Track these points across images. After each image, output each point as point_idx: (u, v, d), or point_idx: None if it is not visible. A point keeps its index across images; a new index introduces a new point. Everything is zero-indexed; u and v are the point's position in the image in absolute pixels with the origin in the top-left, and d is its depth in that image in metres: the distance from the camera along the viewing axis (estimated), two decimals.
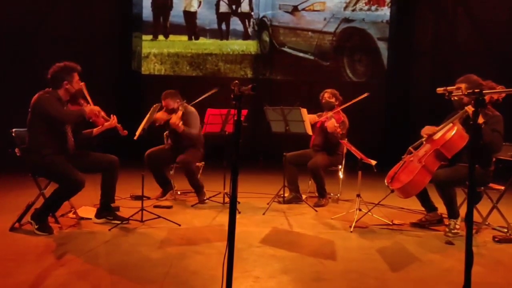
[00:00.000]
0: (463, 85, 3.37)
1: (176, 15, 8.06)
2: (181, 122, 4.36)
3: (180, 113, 4.41)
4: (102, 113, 3.59)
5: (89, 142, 3.65)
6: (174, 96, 4.52)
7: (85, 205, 3.91)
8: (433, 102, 4.51)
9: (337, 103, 4.68)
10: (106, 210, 3.58)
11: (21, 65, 6.33)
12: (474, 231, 3.44)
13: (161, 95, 4.52)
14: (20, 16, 6.49)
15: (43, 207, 3.29)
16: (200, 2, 8.07)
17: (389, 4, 7.89)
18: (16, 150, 3.37)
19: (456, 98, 3.34)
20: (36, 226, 3.23)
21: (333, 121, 4.32)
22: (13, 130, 3.41)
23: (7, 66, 6.26)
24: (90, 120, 3.52)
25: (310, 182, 4.82)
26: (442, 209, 3.68)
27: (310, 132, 4.31)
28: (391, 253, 3.11)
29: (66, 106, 3.40)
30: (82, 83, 3.49)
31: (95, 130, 3.63)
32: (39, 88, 3.36)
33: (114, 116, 3.64)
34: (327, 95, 4.72)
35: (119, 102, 7.14)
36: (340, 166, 4.72)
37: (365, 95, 4.46)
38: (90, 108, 3.44)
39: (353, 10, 7.94)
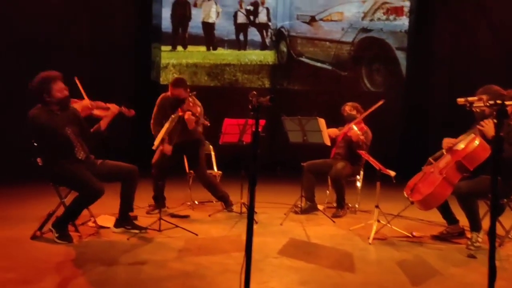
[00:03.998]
0: (484, 97, 3.30)
1: (194, 26, 8.18)
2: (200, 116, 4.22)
3: (193, 105, 4.22)
4: (98, 104, 3.53)
5: (100, 136, 3.59)
6: (186, 85, 4.28)
7: (104, 214, 3.96)
8: (452, 112, 4.42)
9: (358, 115, 4.65)
10: (125, 219, 3.62)
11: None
12: (497, 244, 3.34)
13: (170, 83, 4.26)
14: (41, 29, 6.66)
15: (64, 215, 3.35)
16: (218, 13, 8.17)
17: (408, 14, 7.84)
18: (38, 159, 3.44)
19: (478, 110, 3.28)
20: (56, 235, 3.28)
21: (356, 130, 4.31)
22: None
23: (29, 77, 6.43)
24: (93, 117, 3.51)
25: (328, 192, 4.78)
26: (463, 221, 3.59)
27: (328, 142, 4.29)
28: (411, 266, 3.04)
29: (61, 112, 3.36)
30: (75, 77, 3.48)
31: (101, 123, 3.58)
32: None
33: (112, 103, 3.61)
34: (348, 108, 4.70)
35: (138, 111, 7.22)
36: (358, 177, 4.67)
37: (381, 102, 4.42)
38: (80, 104, 3.41)
39: (371, 20, 7.91)
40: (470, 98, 2.16)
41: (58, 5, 6.81)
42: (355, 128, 4.35)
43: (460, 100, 2.25)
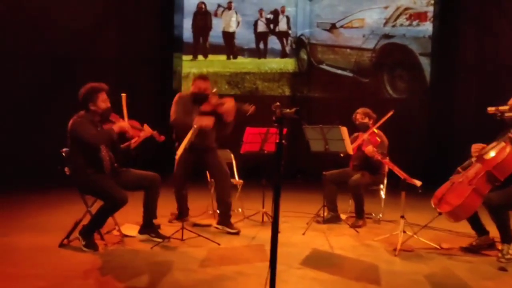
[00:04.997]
0: None
1: (215, 36, 8.25)
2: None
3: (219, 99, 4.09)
4: (134, 124, 3.60)
5: (128, 155, 3.67)
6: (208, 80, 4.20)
7: (128, 223, 4.01)
8: (479, 119, 4.31)
9: (371, 122, 4.57)
10: (149, 227, 3.65)
11: (67, 87, 6.67)
12: None
13: (196, 78, 4.12)
14: (70, 42, 6.89)
15: (90, 224, 3.42)
16: (238, 23, 8.23)
17: (431, 19, 7.71)
18: (66, 169, 3.52)
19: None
20: (83, 243, 3.34)
21: (370, 147, 4.24)
22: (64, 150, 3.57)
23: (56, 89, 6.62)
24: (126, 136, 3.58)
25: (350, 201, 4.71)
26: (494, 232, 3.47)
27: (350, 151, 4.23)
28: (440, 279, 2.95)
29: (100, 126, 3.48)
30: (123, 95, 3.56)
31: (132, 142, 3.66)
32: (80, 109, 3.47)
33: (146, 124, 3.68)
34: (359, 116, 4.62)
35: (160, 121, 7.33)
36: (382, 186, 4.59)
37: (391, 113, 4.38)
38: (119, 125, 3.48)
39: (393, 26, 7.81)
40: (501, 108, 2.10)
41: (85, 19, 7.05)
42: (371, 148, 4.25)
43: (491, 109, 2.19)
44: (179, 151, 3.78)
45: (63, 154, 3.56)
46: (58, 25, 6.81)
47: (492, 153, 3.33)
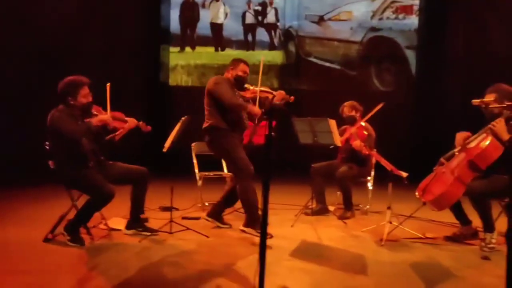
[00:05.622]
0: (492, 96, 3.25)
1: (203, 27, 8.18)
2: None
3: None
4: (117, 115, 3.53)
5: (113, 147, 3.64)
6: None
7: (115, 216, 3.98)
8: (464, 111, 4.38)
9: (358, 115, 4.61)
10: (136, 222, 3.63)
11: (54, 79, 6.56)
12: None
13: (240, 61, 3.90)
14: (55, 35, 6.77)
15: (75, 218, 3.37)
16: (226, 14, 8.17)
17: (418, 13, 7.76)
18: (50, 163, 3.47)
19: (496, 111, 3.22)
20: (68, 238, 3.30)
21: (358, 142, 4.28)
22: (47, 143, 3.51)
23: (40, 82, 6.51)
24: (109, 128, 3.52)
25: (338, 193, 4.75)
26: (477, 222, 3.55)
27: (339, 143, 4.26)
28: (425, 268, 3.01)
29: (81, 120, 3.39)
30: (108, 85, 3.50)
31: (117, 134, 3.61)
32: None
33: (131, 118, 3.63)
34: (346, 109, 4.65)
35: (147, 113, 7.27)
36: (369, 177, 4.64)
37: (380, 105, 4.40)
38: (98, 119, 3.40)
39: (380, 19, 7.84)
40: (485, 100, 2.13)
41: (71, 11, 6.91)
42: (358, 140, 4.31)
43: (475, 101, 2.23)
44: (167, 144, 3.76)
45: (47, 147, 3.50)
46: (44, 17, 6.67)
47: (474, 143, 3.39)
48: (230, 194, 3.93)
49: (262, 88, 3.85)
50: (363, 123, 4.53)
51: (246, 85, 3.84)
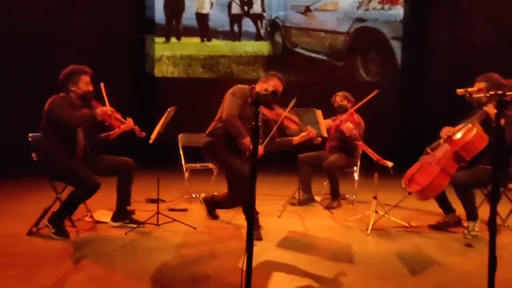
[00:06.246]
0: (482, 84, 3.30)
1: (188, 18, 8.08)
2: None
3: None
4: (117, 115, 3.51)
5: (105, 145, 3.64)
6: None
7: (101, 209, 3.94)
8: (450, 101, 4.42)
9: (349, 105, 4.64)
10: (122, 214, 3.60)
11: (37, 69, 6.42)
12: None
13: (275, 75, 3.62)
14: (36, 21, 6.59)
15: (60, 210, 3.32)
16: (212, 4, 8.08)
17: (403, 3, 7.80)
18: (33, 154, 3.40)
19: (483, 100, 3.25)
20: (53, 230, 3.25)
21: (348, 124, 4.31)
22: (30, 135, 3.45)
23: (23, 71, 6.36)
24: (106, 124, 3.50)
25: (325, 183, 4.79)
26: (460, 210, 3.61)
27: (325, 134, 4.27)
28: (410, 256, 3.06)
29: (80, 110, 3.36)
30: (102, 83, 3.49)
31: (112, 133, 3.61)
32: (55, 92, 3.39)
33: (130, 118, 3.61)
34: (339, 98, 4.69)
35: (133, 104, 7.18)
36: (355, 168, 4.68)
37: (375, 92, 4.41)
38: (102, 109, 3.36)
39: (366, 10, 7.86)
40: (470, 89, 2.16)
41: (55, 4, 6.76)
42: (348, 123, 4.34)
43: (460, 91, 2.24)
44: (153, 135, 3.72)
45: (29, 139, 3.43)
46: (28, 10, 6.48)
47: (459, 134, 3.44)
48: (228, 198, 3.76)
49: (291, 117, 3.49)
50: (354, 112, 4.57)
51: (275, 106, 3.47)
